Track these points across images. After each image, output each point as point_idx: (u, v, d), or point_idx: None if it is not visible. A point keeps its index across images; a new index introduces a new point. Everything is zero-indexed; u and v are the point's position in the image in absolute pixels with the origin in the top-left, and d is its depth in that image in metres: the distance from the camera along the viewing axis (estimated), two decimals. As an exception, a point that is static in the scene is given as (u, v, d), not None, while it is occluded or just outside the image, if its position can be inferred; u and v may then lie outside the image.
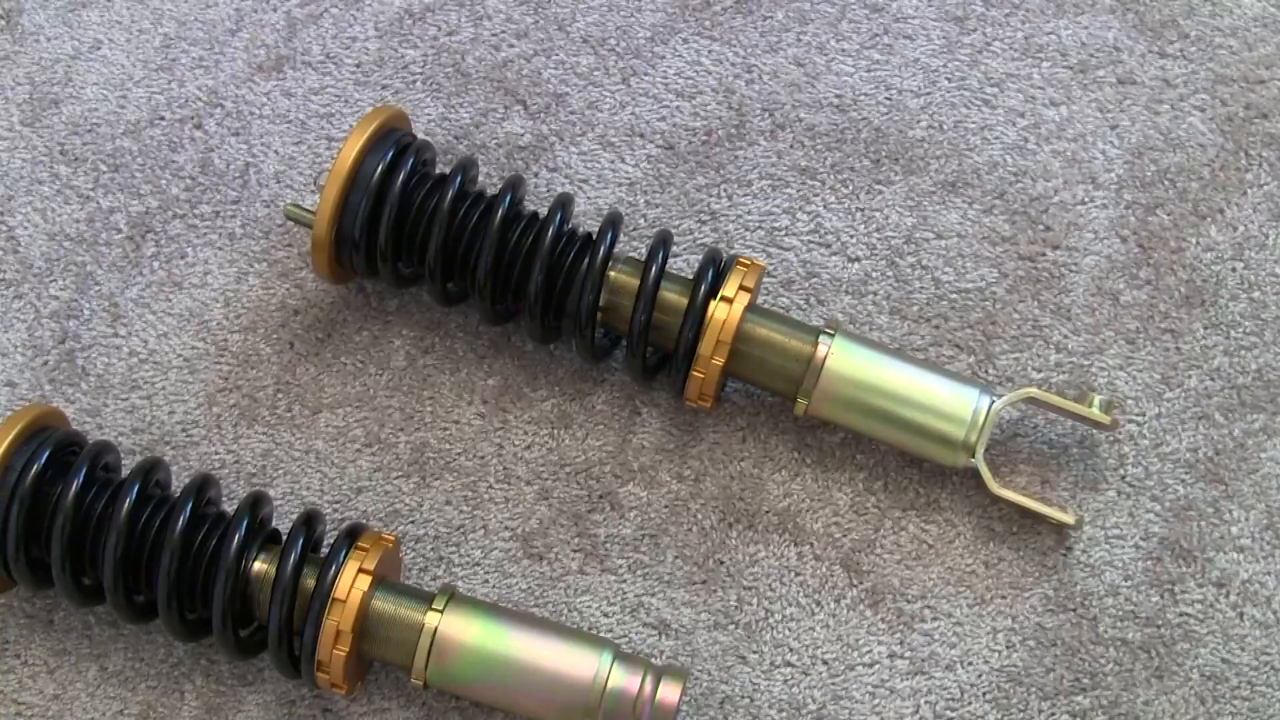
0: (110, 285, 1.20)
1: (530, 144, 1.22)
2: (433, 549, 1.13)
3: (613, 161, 1.21)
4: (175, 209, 1.21)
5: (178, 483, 1.09)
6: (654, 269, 1.08)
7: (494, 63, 1.24)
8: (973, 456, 1.09)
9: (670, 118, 1.22)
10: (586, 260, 1.08)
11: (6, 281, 1.20)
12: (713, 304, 1.08)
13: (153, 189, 1.22)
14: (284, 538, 1.06)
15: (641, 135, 1.22)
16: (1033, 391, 1.11)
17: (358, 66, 1.25)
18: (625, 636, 1.11)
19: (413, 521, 1.14)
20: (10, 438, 1.05)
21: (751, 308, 1.09)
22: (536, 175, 1.20)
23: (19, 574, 1.06)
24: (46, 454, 1.05)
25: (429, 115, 1.22)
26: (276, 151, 1.22)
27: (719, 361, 1.07)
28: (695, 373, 1.08)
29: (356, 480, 1.15)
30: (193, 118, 1.24)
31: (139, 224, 1.21)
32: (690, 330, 1.07)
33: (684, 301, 1.09)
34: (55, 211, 1.22)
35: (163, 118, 1.24)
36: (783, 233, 1.19)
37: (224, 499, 1.09)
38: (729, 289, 1.08)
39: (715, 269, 1.09)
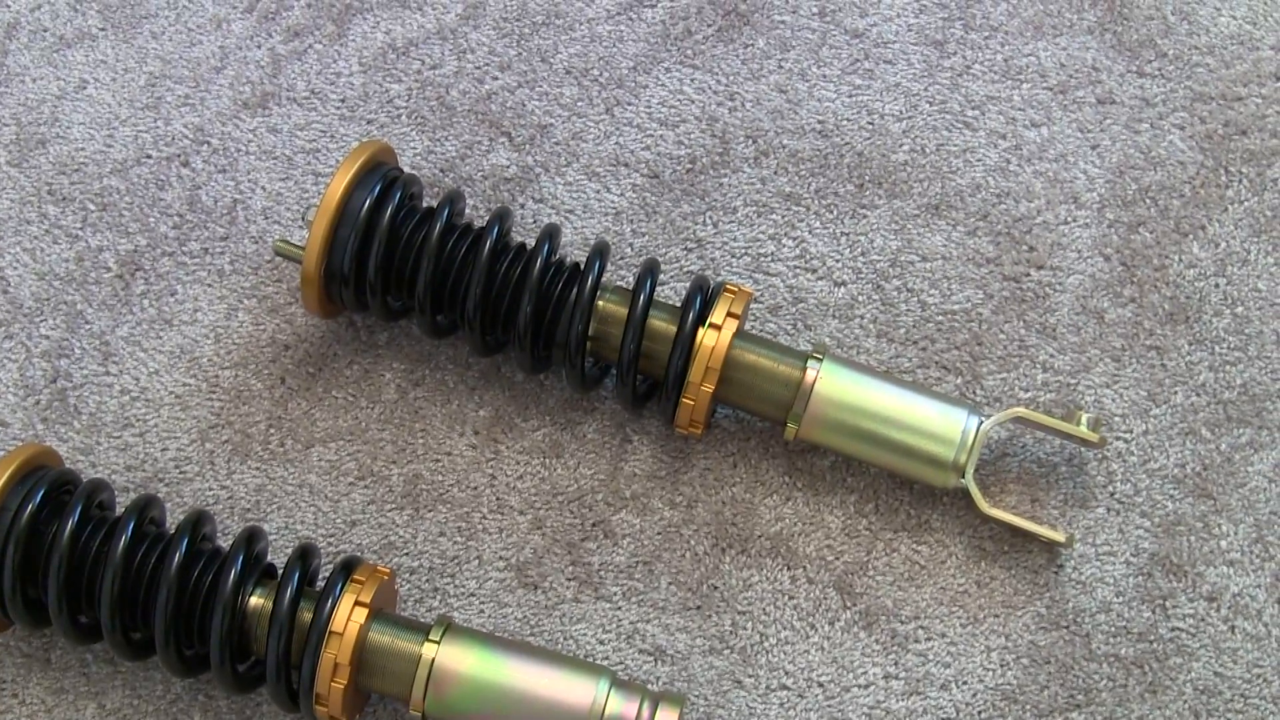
0: (101, 324, 1.20)
1: (516, 175, 1.22)
2: (427, 580, 1.14)
3: (598, 191, 1.22)
4: (164, 246, 1.22)
5: (172, 519, 1.10)
6: (642, 297, 1.09)
7: (478, 95, 1.25)
8: (963, 477, 1.10)
9: (654, 146, 1.23)
10: (575, 290, 1.09)
11: (-3, 322, 1.20)
12: (701, 331, 1.08)
13: (141, 227, 1.22)
14: (279, 572, 1.07)
15: (626, 165, 1.22)
16: (1021, 411, 1.11)
17: (343, 101, 1.25)
18: (621, 663, 1.11)
19: (407, 553, 1.14)
20: (5, 477, 1.05)
21: (740, 334, 1.10)
22: (523, 206, 1.21)
23: (15, 614, 1.06)
24: (41, 493, 1.05)
25: (414, 149, 1.23)
26: (264, 187, 1.23)
27: (709, 388, 1.08)
28: (685, 400, 1.09)
29: (350, 514, 1.15)
30: (179, 155, 1.24)
31: (128, 262, 1.21)
32: (679, 357, 1.08)
33: (673, 329, 1.09)
34: (44, 251, 1.22)
35: (149, 156, 1.24)
36: (769, 259, 1.20)
37: (219, 535, 1.09)
38: (717, 316, 1.08)
39: (703, 296, 1.10)
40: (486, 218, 1.12)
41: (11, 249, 1.22)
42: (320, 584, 1.06)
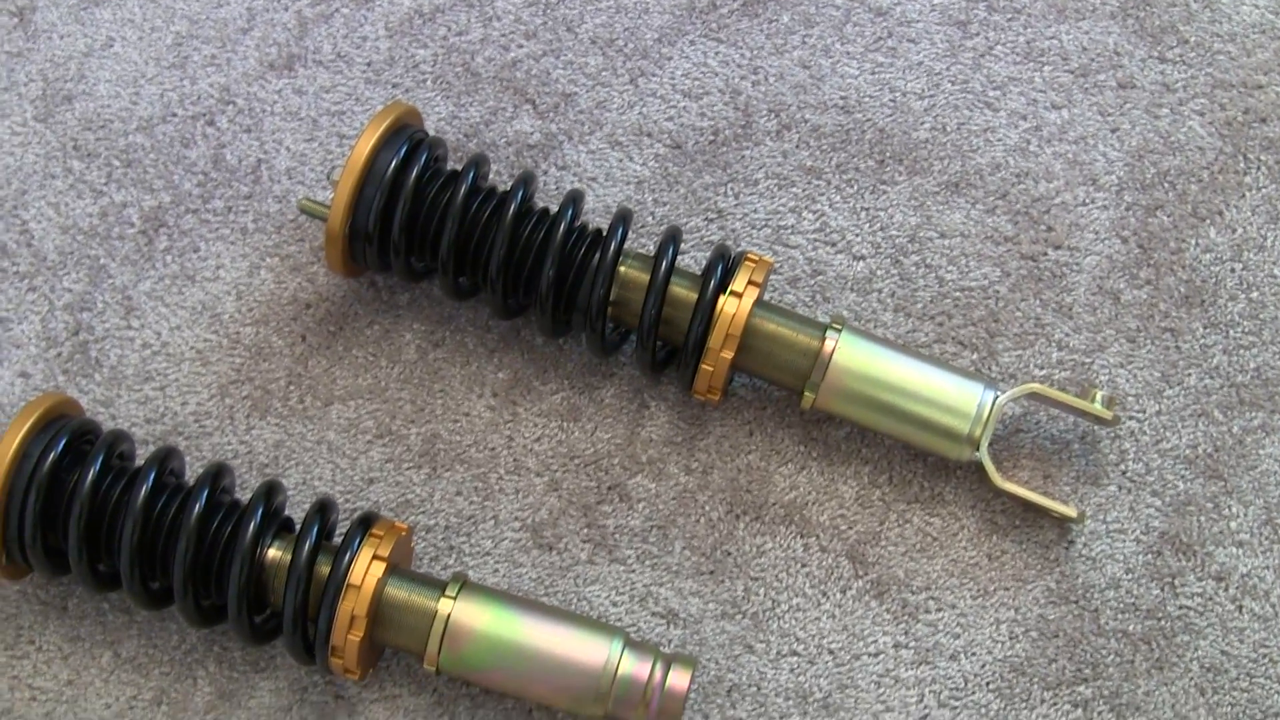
0: (123, 278, 1.21)
1: (539, 142, 1.23)
2: (443, 539, 1.15)
3: (621, 160, 1.23)
4: (188, 204, 1.22)
5: (191, 473, 1.10)
6: (664, 264, 1.09)
7: (503, 63, 1.26)
8: (977, 450, 1.11)
9: (678, 118, 1.24)
10: (598, 255, 1.10)
11: (21, 274, 1.21)
12: (722, 298, 1.09)
13: (165, 184, 1.23)
14: (297, 526, 1.07)
15: (649, 135, 1.23)
16: (1036, 387, 1.12)
17: (368, 65, 1.26)
18: (634, 625, 1.12)
19: (424, 512, 1.15)
20: (28, 426, 1.06)
21: (760, 302, 1.10)
22: (546, 173, 1.22)
23: (35, 561, 1.07)
24: (63, 442, 1.06)
25: (439, 114, 1.24)
26: (288, 148, 1.24)
27: (728, 355, 1.09)
28: (704, 366, 1.10)
29: (368, 471, 1.16)
30: (205, 114, 1.25)
31: (152, 218, 1.22)
32: (700, 324, 1.09)
33: (693, 296, 1.10)
34: (69, 206, 1.23)
35: (175, 114, 1.25)
36: (789, 231, 1.21)
37: (237, 489, 1.10)
38: (738, 284, 1.09)
39: (724, 264, 1.11)
40: (509, 183, 1.12)
41: (36, 203, 1.23)
42: (337, 539, 1.07)
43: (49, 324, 1.20)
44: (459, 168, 1.13)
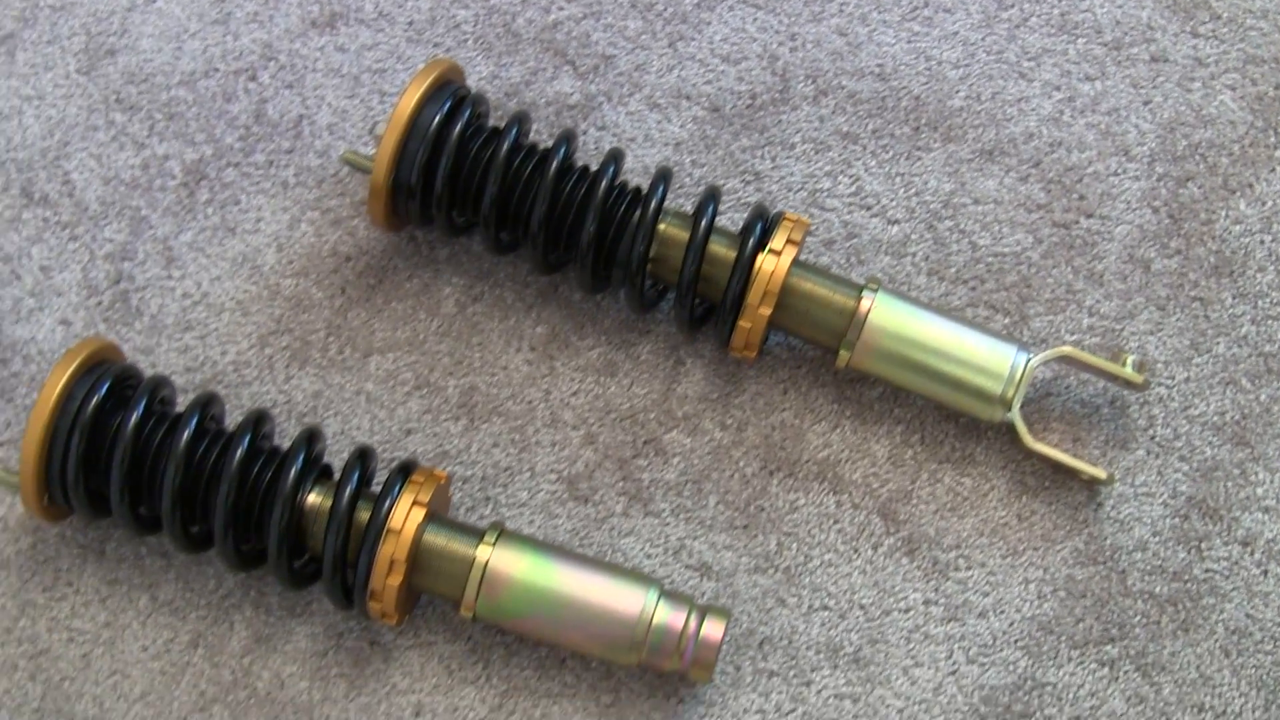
0: (164, 229, 1.22)
1: (579, 103, 1.25)
2: (480, 489, 1.16)
3: (659, 122, 1.24)
4: (229, 157, 1.24)
5: (230, 420, 1.11)
6: (704, 221, 1.11)
7: (544, 24, 1.27)
8: (1009, 411, 1.13)
9: (716, 81, 1.25)
10: (638, 212, 1.11)
11: (62, 224, 1.22)
12: (761, 256, 1.10)
13: (207, 137, 1.24)
14: (335, 473, 1.08)
15: (688, 97, 1.25)
16: (1068, 350, 1.14)
17: (410, 24, 1.27)
18: (668, 578, 1.13)
19: (461, 462, 1.16)
20: (72, 368, 1.07)
21: (796, 262, 1.12)
22: (585, 134, 1.23)
23: (77, 503, 1.08)
24: (106, 385, 1.07)
25: (479, 73, 1.25)
26: (329, 104, 1.25)
27: (765, 311, 1.10)
28: (742, 322, 1.11)
29: (406, 422, 1.17)
30: (247, 70, 1.26)
31: (193, 171, 1.23)
32: (738, 280, 1.10)
33: (731, 254, 1.11)
34: (111, 157, 1.24)
35: (217, 69, 1.26)
36: (825, 194, 1.22)
37: (276, 436, 1.11)
38: (777, 242, 1.11)
39: (763, 222, 1.12)
40: (549, 142, 1.14)
41: (78, 154, 1.24)
42: (376, 487, 1.08)
43: (90, 273, 1.21)
44: (500, 125, 1.14)
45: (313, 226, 1.22)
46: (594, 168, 1.13)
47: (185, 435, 1.06)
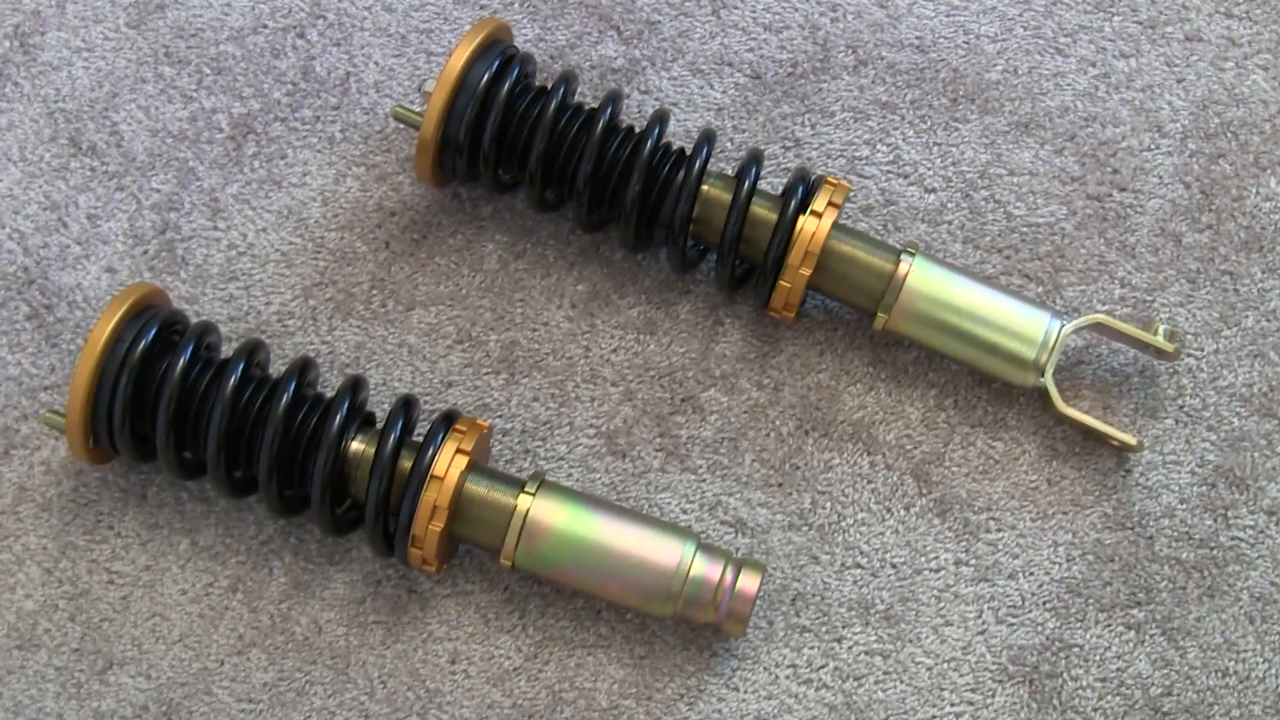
0: (211, 181, 1.23)
1: (623, 67, 1.26)
2: (519, 442, 1.17)
3: (702, 88, 1.26)
4: (276, 112, 1.25)
5: (274, 369, 1.13)
6: (747, 182, 1.13)
7: (589, -11, 1.29)
8: (1042, 376, 1.14)
9: (758, 49, 1.27)
10: (682, 173, 1.13)
11: (110, 173, 1.24)
12: (802, 218, 1.12)
13: (255, 92, 1.26)
14: (378, 422, 1.10)
15: (730, 64, 1.26)
16: (1101, 317, 1.16)
17: (458, -15, 1.29)
18: (703, 533, 1.15)
19: (501, 415, 1.18)
20: (121, 312, 1.08)
21: (836, 225, 1.13)
22: (628, 97, 1.25)
23: (122, 445, 1.09)
24: (154, 330, 1.08)
25: (525, 35, 1.27)
26: (376, 63, 1.27)
27: (806, 272, 1.12)
28: (782, 282, 1.13)
29: (447, 375, 1.19)
30: (295, 27, 1.28)
31: (240, 124, 1.25)
32: (779, 241, 1.12)
33: (772, 216, 1.13)
34: (159, 110, 1.25)
35: (266, 26, 1.28)
36: (863, 162, 1.24)
37: (319, 385, 1.13)
38: (818, 204, 1.12)
39: (805, 185, 1.14)
40: (594, 103, 1.15)
41: (127, 105, 1.25)
42: (417, 438, 1.09)
43: (136, 222, 1.22)
44: (547, 85, 1.15)
45: (358, 182, 1.23)
46: (638, 130, 1.15)
47: (232, 380, 1.07)
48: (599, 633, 1.13)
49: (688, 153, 1.14)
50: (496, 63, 1.14)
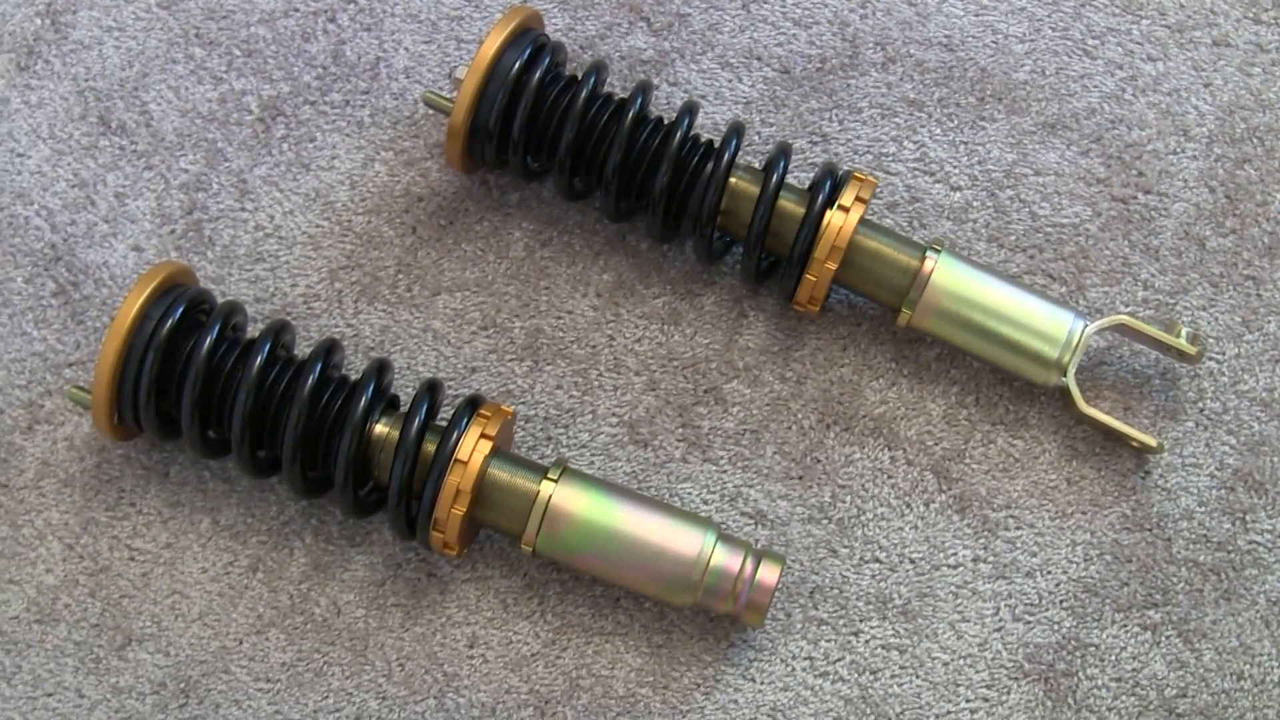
0: (239, 162, 1.24)
1: (652, 59, 1.27)
2: (542, 429, 1.18)
3: (730, 81, 1.26)
4: (306, 95, 1.26)
5: (299, 351, 1.13)
6: (775, 176, 1.13)
7: (620, -20, 1.29)
8: (1064, 376, 1.15)
9: (787, 44, 1.27)
10: (710, 164, 1.13)
11: (139, 153, 1.24)
12: (829, 212, 1.12)
13: (285, 75, 1.26)
14: (402, 405, 1.10)
15: (759, 58, 1.27)
16: (1124, 318, 1.16)
17: (489, -26, 1.30)
18: (724, 524, 1.16)
19: (524, 402, 1.18)
20: (148, 290, 1.08)
21: (862, 220, 1.14)
22: (657, 89, 1.25)
23: (146, 423, 1.10)
24: (181, 309, 1.09)
25: (556, 25, 1.27)
26: (407, 49, 1.27)
27: (832, 266, 1.12)
28: (808, 276, 1.13)
29: (471, 360, 1.19)
30: (326, 11, 1.28)
31: (269, 106, 1.25)
32: (806, 235, 1.12)
33: (799, 210, 1.13)
34: (188, 90, 1.26)
35: (297, 9, 1.28)
36: (890, 159, 1.24)
37: (344, 368, 1.13)
38: (845, 199, 1.13)
39: (832, 180, 1.14)
40: (623, 94, 1.16)
41: (156, 85, 1.26)
42: (441, 422, 1.10)
43: (164, 202, 1.23)
44: (577, 74, 1.16)
45: (386, 166, 1.24)
46: (666, 121, 1.15)
47: (258, 360, 1.07)
48: (617, 620, 1.14)
49: (716, 145, 1.14)
50: (528, 51, 1.14)
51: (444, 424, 1.08)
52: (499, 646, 1.14)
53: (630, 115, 1.13)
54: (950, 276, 1.14)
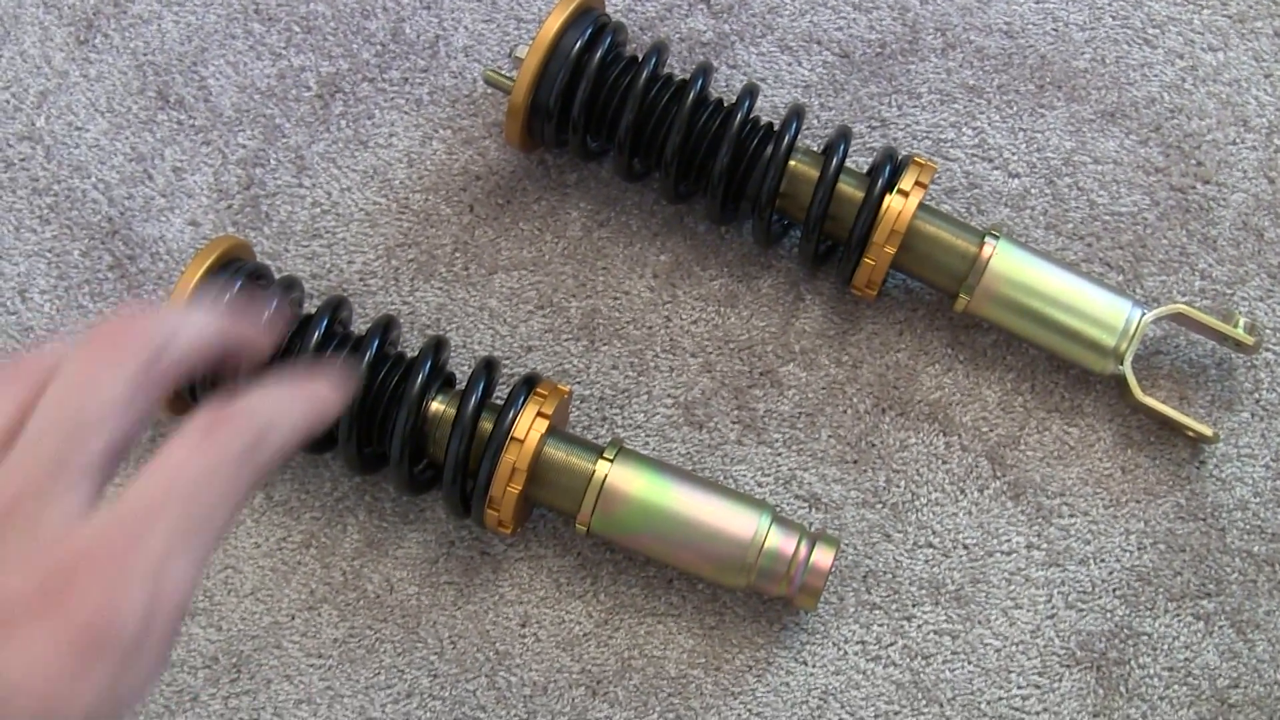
0: (297, 138, 1.24)
1: (712, 41, 1.27)
2: (597, 409, 1.18)
3: (790, 64, 1.26)
4: (365, 72, 1.26)
5: (355, 327, 1.14)
6: (835, 160, 1.13)
7: (680, -38, 1.29)
8: (1120, 364, 1.15)
9: (847, 28, 1.27)
10: (770, 147, 1.13)
11: (196, 128, 1.24)
12: (889, 196, 1.12)
13: (344, 52, 1.27)
14: (458, 383, 1.11)
15: (819, 42, 1.27)
16: (1182, 307, 1.16)
17: (548, -46, 1.30)
18: (778, 507, 1.16)
19: (579, 382, 1.19)
20: (208, 263, 1.09)
21: (921, 205, 1.14)
22: (717, 71, 1.25)
23: (204, 394, 1.10)
24: (239, 284, 1.09)
25: (616, 6, 1.27)
26: (466, 27, 1.27)
27: (890, 250, 1.12)
28: (866, 260, 1.13)
29: (527, 339, 1.19)
30: (386, -12, 1.28)
31: (328, 83, 1.26)
32: (866, 218, 1.12)
33: (858, 194, 1.14)
34: (247, 66, 1.26)
35: (357, -14, 1.29)
36: (948, 144, 1.24)
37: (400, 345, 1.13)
38: (905, 183, 1.13)
39: (892, 164, 1.14)
40: (683, 75, 1.16)
41: (215, 60, 1.26)
42: (497, 401, 1.10)
43: (221, 177, 1.23)
44: (638, 55, 1.16)
45: (444, 145, 1.24)
46: (726, 103, 1.15)
47: (315, 335, 1.08)
48: (670, 601, 1.14)
49: (776, 128, 1.14)
50: (589, 30, 1.14)
51: (500, 402, 1.08)
52: (551, 625, 1.14)
53: (690, 97, 1.13)
54: (1008, 263, 1.14)
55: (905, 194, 1.13)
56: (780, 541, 1.09)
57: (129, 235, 1.22)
